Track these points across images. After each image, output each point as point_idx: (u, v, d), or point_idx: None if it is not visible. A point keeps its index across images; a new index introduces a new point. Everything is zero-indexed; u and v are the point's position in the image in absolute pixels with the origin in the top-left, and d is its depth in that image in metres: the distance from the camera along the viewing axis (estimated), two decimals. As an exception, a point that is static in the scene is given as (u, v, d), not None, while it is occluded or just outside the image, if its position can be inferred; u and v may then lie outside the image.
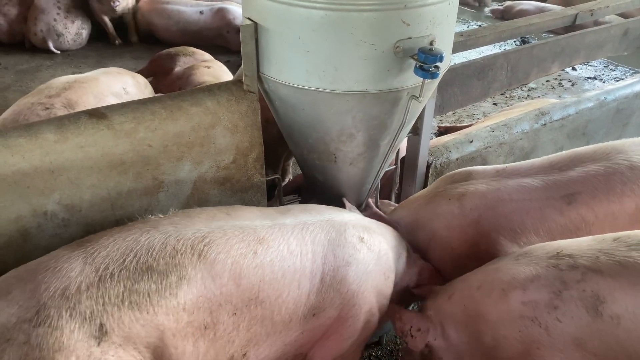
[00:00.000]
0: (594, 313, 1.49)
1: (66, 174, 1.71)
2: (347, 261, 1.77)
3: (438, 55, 1.72)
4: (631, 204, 2.01)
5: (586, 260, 1.56)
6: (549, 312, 1.55)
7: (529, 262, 1.68)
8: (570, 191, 2.05)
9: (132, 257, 1.42)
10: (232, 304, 1.52)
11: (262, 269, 1.58)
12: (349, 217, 1.92)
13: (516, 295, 1.63)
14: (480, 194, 2.15)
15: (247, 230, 1.62)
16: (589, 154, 2.14)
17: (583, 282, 1.52)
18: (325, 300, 1.74)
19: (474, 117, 4.96)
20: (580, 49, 3.47)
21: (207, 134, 1.91)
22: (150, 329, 1.38)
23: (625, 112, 3.67)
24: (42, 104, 3.01)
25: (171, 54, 4.51)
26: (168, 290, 1.41)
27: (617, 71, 6.16)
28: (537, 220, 2.07)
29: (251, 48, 1.87)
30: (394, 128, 2.08)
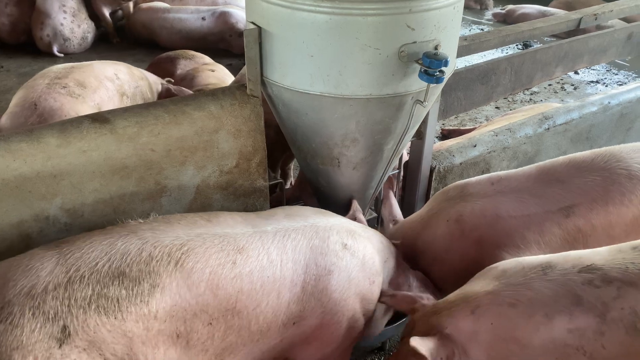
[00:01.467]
0: (634, 332, 1.39)
1: (68, 178, 1.70)
2: (329, 270, 1.73)
3: (443, 60, 1.71)
4: (629, 214, 1.99)
5: (617, 272, 1.46)
6: (596, 340, 1.43)
7: (563, 280, 1.52)
8: (568, 203, 2.03)
9: (105, 260, 1.40)
10: (208, 313, 1.49)
11: (241, 279, 1.55)
12: (334, 221, 1.88)
13: (562, 321, 1.47)
14: (479, 214, 2.11)
15: (226, 239, 1.59)
16: (586, 162, 2.11)
17: (620, 299, 1.42)
18: (306, 309, 1.71)
19: (476, 121, 4.95)
20: (584, 53, 3.46)
21: (211, 138, 1.90)
22: (117, 335, 1.36)
23: (629, 116, 3.66)
24: (57, 84, 2.98)
25: (171, 57, 4.52)
26: (139, 297, 1.38)
27: (620, 75, 6.15)
28: (537, 234, 2.05)
29: (255, 52, 1.87)
30: (398, 133, 2.07)
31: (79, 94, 3.01)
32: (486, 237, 2.08)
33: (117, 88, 3.29)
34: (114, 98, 3.22)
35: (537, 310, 1.50)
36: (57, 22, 6.17)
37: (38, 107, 2.84)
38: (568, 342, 1.46)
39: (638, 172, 2.01)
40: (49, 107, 2.84)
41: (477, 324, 1.58)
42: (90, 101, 3.03)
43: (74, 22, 6.28)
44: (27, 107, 2.86)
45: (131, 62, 5.86)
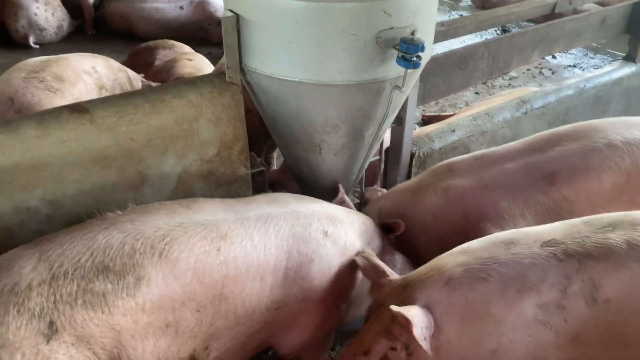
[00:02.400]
0: (592, 302, 1.44)
1: (48, 169, 1.69)
2: (311, 258, 1.76)
3: (419, 45, 1.73)
4: (609, 180, 2.06)
5: (576, 245, 1.49)
6: (559, 314, 1.46)
7: (528, 254, 1.53)
8: (551, 170, 2.09)
9: (87, 256, 1.40)
10: (196, 301, 1.51)
11: (226, 265, 1.56)
12: (315, 207, 1.90)
13: (531, 297, 1.47)
14: (466, 184, 2.17)
15: (209, 227, 1.59)
16: (567, 133, 2.19)
17: (581, 272, 1.45)
18: (288, 295, 1.73)
19: (456, 107, 4.99)
20: (559, 37, 3.50)
21: (191, 126, 1.91)
22: (105, 329, 1.36)
23: (604, 99, 3.73)
24: (34, 78, 2.91)
25: (150, 47, 4.47)
26: (125, 290, 1.39)
27: (596, 59, 6.24)
28: (522, 204, 2.10)
29: (233, 40, 1.87)
30: (378, 118, 2.09)
31: (58, 88, 2.96)
32: (472, 207, 2.13)
33: (96, 81, 3.25)
34: (92, 92, 3.18)
35: (509, 286, 1.49)
36: (30, 12, 6.05)
37: (15, 103, 2.78)
38: (538, 317, 1.47)
39: (616, 141, 2.08)
40: (27, 103, 2.78)
41: (451, 296, 1.53)
42: (69, 95, 2.99)
43: (47, 10, 6.16)
44: (3, 102, 2.79)
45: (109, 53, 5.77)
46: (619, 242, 1.46)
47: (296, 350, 1.91)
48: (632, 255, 1.43)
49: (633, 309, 1.42)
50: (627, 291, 1.43)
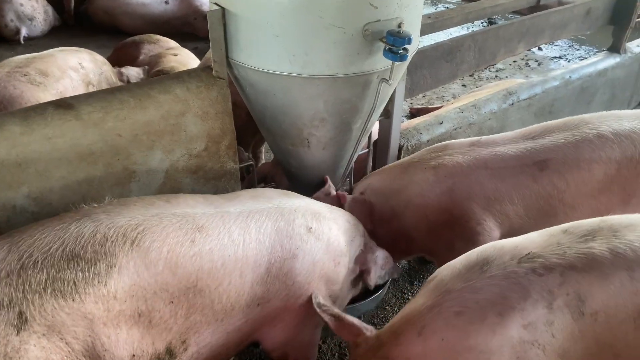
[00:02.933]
0: (578, 316, 1.41)
1: (34, 166, 1.67)
2: (294, 253, 1.75)
3: (406, 38, 1.73)
4: (599, 170, 2.09)
5: (557, 257, 1.45)
6: (547, 330, 1.41)
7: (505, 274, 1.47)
8: (542, 157, 2.12)
9: (58, 244, 1.39)
10: (169, 292, 1.50)
11: (200, 257, 1.55)
12: (299, 203, 1.89)
13: (516, 318, 1.41)
14: (455, 163, 2.20)
15: (185, 218, 1.58)
16: (559, 126, 2.23)
17: (565, 285, 1.41)
18: (270, 291, 1.72)
19: (443, 99, 5.01)
20: (545, 28, 3.52)
21: (178, 121, 1.89)
22: (77, 317, 1.36)
23: (589, 90, 3.76)
24: (17, 72, 2.92)
25: (136, 42, 4.43)
26: (96, 278, 1.38)
27: (582, 50, 6.29)
28: (511, 188, 2.13)
29: (219, 34, 1.86)
30: (366, 111, 2.09)
31: (40, 82, 2.97)
32: (459, 185, 2.15)
33: (82, 77, 3.24)
34: (79, 88, 3.17)
35: (488, 311, 1.43)
36: (16, 4, 5.96)
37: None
38: (524, 338, 1.41)
39: (606, 133, 2.12)
40: (9, 95, 2.79)
41: (427, 345, 1.48)
42: (52, 89, 2.99)
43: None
44: None
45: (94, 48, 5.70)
46: (602, 250, 1.44)
47: (281, 345, 1.90)
48: (617, 264, 1.41)
49: (621, 319, 1.40)
50: (614, 302, 1.40)
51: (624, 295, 1.40)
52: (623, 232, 1.47)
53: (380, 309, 2.70)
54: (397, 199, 2.28)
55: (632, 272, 1.40)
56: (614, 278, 1.41)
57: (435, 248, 2.33)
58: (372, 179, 2.43)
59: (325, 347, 2.50)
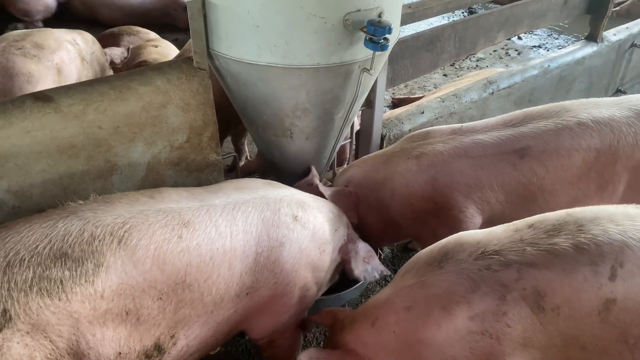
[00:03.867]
0: (537, 309, 1.44)
1: (13, 160, 1.65)
2: (281, 242, 1.76)
3: (387, 27, 1.74)
4: (579, 157, 2.13)
5: (515, 254, 1.49)
6: (498, 321, 1.45)
7: (458, 270, 1.53)
8: (522, 145, 2.15)
9: (45, 243, 1.38)
10: (157, 289, 1.50)
11: (189, 252, 1.55)
12: (284, 192, 1.90)
13: (461, 310, 1.47)
14: (437, 152, 2.23)
15: (171, 214, 1.58)
16: (540, 112, 2.26)
17: (522, 280, 1.45)
18: (259, 280, 1.74)
19: (425, 90, 5.04)
20: (523, 18, 3.56)
21: (159, 113, 1.88)
22: (62, 316, 1.35)
23: (567, 78, 3.82)
24: (13, 46, 2.94)
25: (115, 34, 4.37)
26: (83, 277, 1.38)
27: (560, 39, 6.36)
28: (491, 175, 2.16)
29: (199, 24, 1.85)
30: (348, 101, 2.10)
31: (35, 55, 2.99)
32: (441, 173, 2.18)
33: (78, 52, 3.26)
34: (76, 60, 3.19)
35: (433, 306, 1.50)
36: None
37: None
38: (472, 329, 1.47)
39: (586, 120, 2.15)
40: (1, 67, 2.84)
41: (379, 336, 1.58)
42: (47, 61, 3.00)
43: None
44: None
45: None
46: (565, 247, 1.46)
47: (269, 333, 1.92)
48: (581, 259, 1.43)
49: (585, 312, 1.43)
50: (577, 296, 1.43)
51: (587, 289, 1.42)
52: (588, 227, 1.48)
53: (364, 297, 2.72)
54: (383, 190, 2.30)
55: (596, 266, 1.42)
56: (577, 274, 1.43)
57: (421, 234, 2.37)
58: (354, 171, 2.43)
59: (310, 336, 2.52)
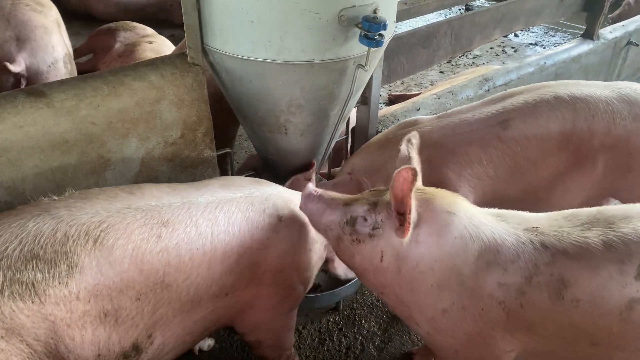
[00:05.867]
0: (556, 297, 1.46)
1: (5, 155, 1.64)
2: (265, 244, 1.73)
3: (381, 23, 1.73)
4: (556, 128, 2.24)
5: (555, 239, 1.50)
6: (517, 298, 1.48)
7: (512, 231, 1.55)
8: (504, 118, 2.27)
9: (16, 244, 1.34)
10: (135, 289, 1.47)
11: (167, 252, 1.52)
12: (270, 191, 1.86)
13: (496, 273, 1.50)
14: (427, 134, 2.28)
15: (150, 213, 1.54)
16: (521, 90, 2.41)
17: (552, 266, 1.47)
18: (241, 281, 1.71)
19: (421, 86, 5.04)
20: (519, 15, 3.56)
21: (153, 109, 1.87)
22: (37, 319, 1.32)
23: (563, 76, 3.82)
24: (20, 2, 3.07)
25: (111, 29, 4.33)
26: (57, 279, 1.34)
27: (557, 37, 6.36)
28: (479, 149, 2.26)
29: (194, 19, 1.84)
30: (343, 97, 2.10)
31: (40, 11, 3.14)
32: (434, 156, 2.24)
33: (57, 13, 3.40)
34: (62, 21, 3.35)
35: (482, 255, 1.51)
36: None
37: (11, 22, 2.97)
38: (494, 294, 1.50)
39: (564, 96, 2.29)
40: (19, 20, 2.98)
41: (445, 226, 1.54)
42: (50, 16, 3.16)
43: None
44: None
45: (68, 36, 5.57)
46: (596, 242, 1.47)
47: (253, 330, 1.90)
48: (608, 256, 1.44)
49: (606, 310, 1.44)
50: (600, 293, 1.43)
51: (612, 287, 1.43)
52: (618, 225, 1.49)
53: (359, 294, 2.73)
54: (380, 175, 2.33)
55: (623, 265, 1.43)
56: (603, 270, 1.44)
57: None
58: (355, 159, 2.50)
59: (305, 333, 2.52)
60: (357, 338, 2.51)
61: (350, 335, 2.52)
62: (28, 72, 2.92)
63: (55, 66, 3.01)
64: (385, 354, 2.44)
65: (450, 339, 1.61)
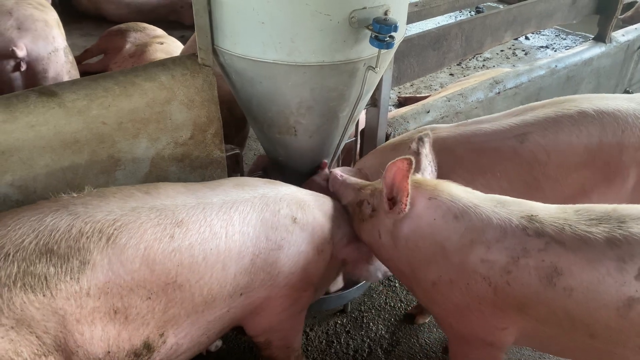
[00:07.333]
0: (547, 283, 1.50)
1: (17, 154, 1.66)
2: (279, 245, 1.74)
3: (392, 25, 1.73)
4: (579, 144, 2.14)
5: (553, 229, 1.54)
6: (502, 275, 1.57)
7: (504, 215, 1.64)
8: (522, 131, 2.19)
9: (32, 237, 1.36)
10: (146, 288, 1.47)
11: (180, 253, 1.52)
12: (284, 191, 1.87)
13: (479, 250, 1.61)
14: (441, 140, 2.25)
15: (164, 212, 1.54)
16: (543, 104, 2.31)
17: (544, 252, 1.52)
18: (255, 281, 1.71)
19: (431, 89, 5.02)
20: (531, 17, 3.54)
21: (163, 109, 1.88)
22: (47, 312, 1.34)
23: (575, 79, 3.79)
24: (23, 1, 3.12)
25: (122, 30, 4.36)
26: (68, 274, 1.35)
27: (568, 40, 6.32)
28: (492, 160, 2.19)
29: (205, 21, 1.84)
30: (353, 99, 2.09)
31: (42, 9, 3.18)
32: (445, 160, 2.18)
33: None
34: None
35: (467, 234, 1.64)
36: None
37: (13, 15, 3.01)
38: (478, 270, 1.61)
39: (587, 109, 2.17)
40: (22, 15, 3.03)
41: (426, 209, 1.73)
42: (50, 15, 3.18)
43: None
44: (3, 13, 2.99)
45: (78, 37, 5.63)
46: (599, 238, 1.48)
47: (264, 332, 1.91)
48: (609, 253, 1.45)
49: (601, 304, 1.45)
50: (596, 287, 1.45)
51: (608, 283, 1.44)
52: (629, 224, 1.49)
53: (367, 297, 2.72)
54: None
55: (623, 263, 1.43)
56: (600, 265, 1.45)
57: None
58: (367, 159, 2.51)
59: (312, 335, 2.51)
60: (365, 341, 2.50)
61: (357, 337, 2.52)
62: (29, 57, 2.95)
63: (56, 54, 3.05)
64: (392, 357, 2.43)
65: (443, 312, 1.77)
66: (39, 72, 3.01)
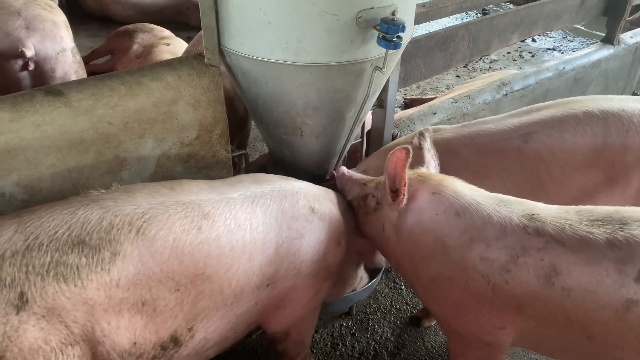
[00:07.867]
0: (545, 282, 1.50)
1: (23, 153, 1.66)
2: (301, 233, 1.78)
3: (400, 26, 1.72)
4: (584, 144, 2.13)
5: (553, 229, 1.54)
6: (501, 274, 1.57)
7: (505, 214, 1.64)
8: (527, 131, 2.17)
9: (65, 229, 1.39)
10: (175, 280, 1.50)
11: (208, 244, 1.55)
12: (299, 185, 1.92)
13: (479, 248, 1.61)
14: (444, 141, 2.24)
15: (191, 206, 1.58)
16: (548, 104, 2.30)
17: (543, 251, 1.52)
18: (280, 271, 1.75)
19: (437, 90, 5.00)
20: (539, 19, 3.52)
21: (169, 109, 1.88)
22: (77, 302, 1.36)
23: (582, 81, 3.77)
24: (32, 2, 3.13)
25: (129, 31, 4.37)
26: (99, 265, 1.38)
27: (575, 42, 6.29)
28: (497, 161, 2.18)
29: (211, 20, 1.84)
30: (359, 100, 2.08)
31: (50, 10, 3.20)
32: (449, 160, 2.17)
33: None
34: None
35: (467, 231, 1.64)
36: None
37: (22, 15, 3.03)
38: (477, 267, 1.60)
39: (592, 109, 2.17)
40: (31, 15, 3.03)
41: (429, 203, 1.74)
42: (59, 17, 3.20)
43: None
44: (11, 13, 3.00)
45: (85, 37, 5.63)
46: (599, 239, 1.47)
47: (287, 326, 1.94)
48: (609, 255, 1.44)
49: (599, 305, 1.44)
50: (594, 288, 1.44)
51: (607, 284, 1.43)
52: (630, 226, 1.48)
53: (372, 299, 2.70)
54: None
55: (623, 265, 1.42)
56: (600, 267, 1.45)
57: None
58: (371, 159, 2.49)
59: (318, 337, 2.50)
60: (370, 343, 2.49)
61: (363, 340, 2.50)
62: (37, 57, 2.97)
63: (64, 54, 3.06)
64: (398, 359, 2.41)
65: (443, 310, 1.77)
66: (46, 71, 3.03)
